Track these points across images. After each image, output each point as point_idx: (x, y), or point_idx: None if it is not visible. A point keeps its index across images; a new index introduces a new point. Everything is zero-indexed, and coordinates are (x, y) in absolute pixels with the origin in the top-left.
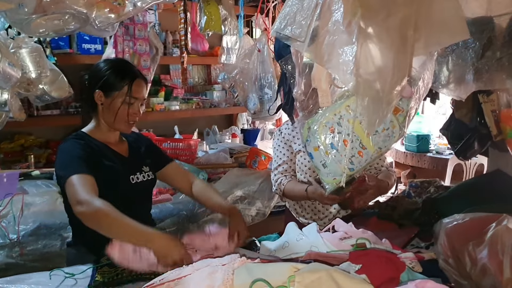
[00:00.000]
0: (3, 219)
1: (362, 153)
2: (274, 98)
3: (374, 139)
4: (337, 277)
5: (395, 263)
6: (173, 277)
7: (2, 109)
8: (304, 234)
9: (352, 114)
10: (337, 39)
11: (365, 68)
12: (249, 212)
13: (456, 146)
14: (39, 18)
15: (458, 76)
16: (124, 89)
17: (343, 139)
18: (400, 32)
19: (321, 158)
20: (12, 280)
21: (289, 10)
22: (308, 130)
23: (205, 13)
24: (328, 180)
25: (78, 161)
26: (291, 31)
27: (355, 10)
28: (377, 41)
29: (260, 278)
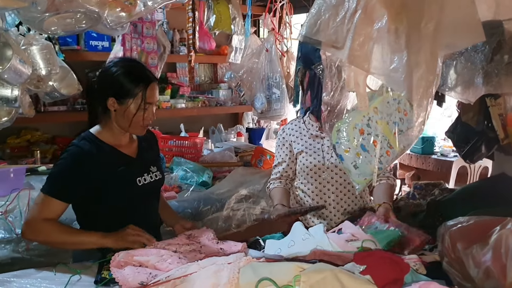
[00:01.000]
0: (10, 214)
1: (390, 152)
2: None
3: (399, 138)
4: (342, 277)
5: (399, 265)
6: (179, 275)
7: (12, 105)
8: (310, 234)
9: (380, 115)
10: (382, 46)
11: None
12: (253, 211)
13: (461, 149)
14: (51, 16)
15: (467, 79)
16: (139, 96)
17: (373, 140)
18: (433, 37)
19: (352, 160)
20: (19, 275)
21: (319, 16)
22: (337, 132)
23: (215, 12)
24: (359, 180)
25: (61, 183)
26: (326, 36)
27: (400, 17)
28: (418, 47)
29: (266, 277)
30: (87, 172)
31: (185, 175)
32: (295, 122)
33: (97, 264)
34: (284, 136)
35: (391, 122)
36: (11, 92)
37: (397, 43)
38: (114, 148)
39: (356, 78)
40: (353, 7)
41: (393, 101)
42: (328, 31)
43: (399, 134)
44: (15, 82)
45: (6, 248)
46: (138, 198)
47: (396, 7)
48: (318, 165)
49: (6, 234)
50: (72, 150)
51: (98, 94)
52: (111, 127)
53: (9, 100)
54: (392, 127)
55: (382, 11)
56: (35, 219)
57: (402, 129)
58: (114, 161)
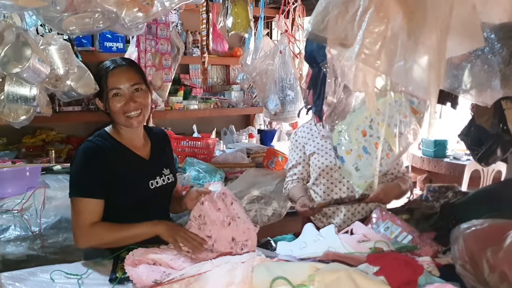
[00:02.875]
0: (26, 211)
1: (390, 155)
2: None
3: (399, 140)
4: (356, 278)
5: (413, 266)
6: (193, 273)
7: (31, 104)
8: (322, 235)
9: (381, 117)
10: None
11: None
12: (265, 212)
13: (475, 151)
14: (70, 16)
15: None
16: (104, 87)
17: (374, 142)
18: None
19: (353, 162)
20: (34, 272)
21: (327, 12)
22: (339, 134)
23: (232, 13)
24: (359, 183)
25: (86, 181)
26: (334, 33)
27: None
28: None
29: (280, 276)
30: (102, 165)
31: (198, 175)
32: (306, 125)
33: (109, 261)
34: (296, 139)
35: (392, 124)
36: (29, 91)
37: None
38: (128, 148)
39: (365, 78)
40: (365, 4)
41: (394, 103)
42: (336, 28)
43: (400, 136)
44: (33, 81)
45: (22, 245)
46: (149, 200)
47: (411, 6)
48: (330, 165)
49: (22, 232)
50: (86, 145)
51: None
52: (115, 126)
53: (27, 99)
54: (393, 129)
55: (397, 9)
56: (81, 226)
57: (401, 131)
58: (127, 161)
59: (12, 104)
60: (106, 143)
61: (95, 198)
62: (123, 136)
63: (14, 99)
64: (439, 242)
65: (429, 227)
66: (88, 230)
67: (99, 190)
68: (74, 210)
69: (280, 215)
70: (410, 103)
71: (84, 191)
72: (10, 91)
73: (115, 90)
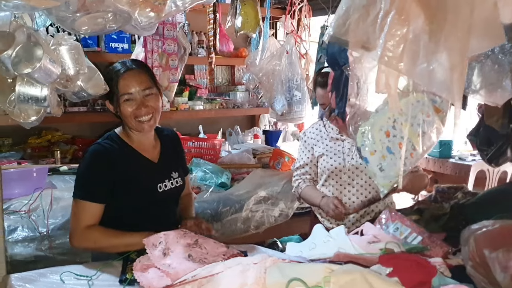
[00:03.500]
0: (33, 212)
1: (413, 154)
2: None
3: (422, 140)
4: (371, 279)
5: (427, 267)
6: (205, 274)
7: (41, 105)
8: (332, 236)
9: (404, 117)
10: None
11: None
12: (272, 213)
13: (485, 152)
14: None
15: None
16: (115, 91)
17: (398, 142)
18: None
19: (377, 162)
20: (44, 273)
21: (348, 16)
22: (362, 135)
23: (241, 13)
24: (384, 183)
25: (88, 184)
26: (356, 36)
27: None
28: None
29: (295, 277)
30: (108, 169)
31: (204, 176)
32: (315, 126)
33: (119, 262)
34: (305, 140)
35: (416, 124)
36: (40, 91)
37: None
38: (136, 151)
39: (387, 80)
40: (386, 7)
41: (417, 102)
42: (358, 31)
43: (422, 136)
44: (45, 82)
45: (30, 246)
46: (157, 203)
47: (433, 8)
48: (339, 167)
49: (30, 233)
50: (94, 148)
51: None
52: (125, 128)
53: (38, 99)
54: (416, 129)
55: (418, 12)
56: (76, 227)
57: (425, 131)
58: (135, 164)
59: (23, 104)
60: (114, 146)
61: (94, 202)
62: (133, 139)
63: (25, 99)
64: (449, 243)
65: (439, 228)
66: (82, 232)
67: (100, 194)
68: (72, 211)
69: (287, 215)
70: (432, 102)
71: (85, 194)
72: (21, 92)
73: (126, 96)
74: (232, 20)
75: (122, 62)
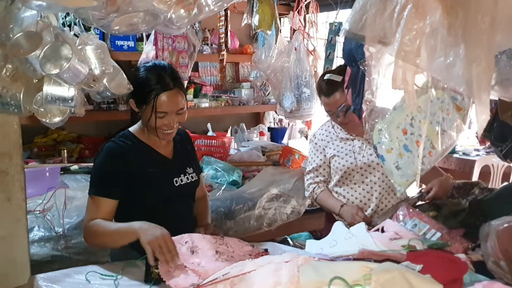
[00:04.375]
0: (48, 212)
1: (432, 153)
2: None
3: (442, 138)
4: (410, 277)
5: (458, 264)
6: (236, 273)
7: (68, 105)
8: (353, 233)
9: (423, 114)
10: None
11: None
12: (284, 210)
13: (499, 148)
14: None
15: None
16: (151, 103)
17: (416, 140)
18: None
19: (394, 160)
20: (68, 273)
21: (365, 11)
22: (379, 132)
23: (258, 11)
24: (401, 181)
25: (101, 180)
26: (372, 31)
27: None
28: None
29: (337, 276)
30: (123, 167)
31: (216, 174)
32: (324, 127)
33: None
34: (316, 142)
35: (435, 122)
36: (67, 91)
37: (453, 37)
38: (151, 147)
39: (404, 75)
40: (403, 1)
41: (436, 100)
42: (374, 26)
43: (442, 134)
44: (72, 82)
45: (46, 246)
46: (174, 198)
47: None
48: (351, 166)
49: (46, 233)
50: (109, 145)
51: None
52: (143, 127)
53: (65, 99)
54: (435, 126)
55: (436, 5)
56: (88, 223)
57: (444, 129)
58: (150, 160)
59: (50, 105)
60: (129, 143)
61: (107, 198)
62: (148, 136)
63: (52, 100)
64: (467, 239)
65: (458, 224)
66: (93, 227)
67: (114, 190)
68: (86, 207)
69: (299, 212)
70: (453, 100)
71: (99, 190)
72: (49, 92)
73: (161, 114)
74: (248, 18)
75: (161, 75)
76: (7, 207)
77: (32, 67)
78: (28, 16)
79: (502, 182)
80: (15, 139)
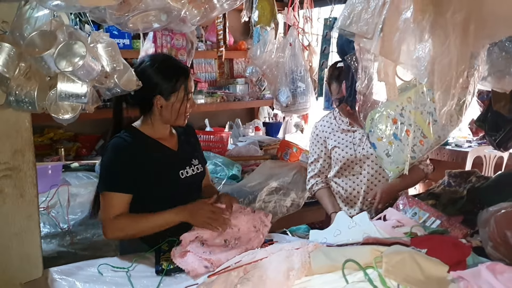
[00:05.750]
0: (52, 209)
1: (423, 142)
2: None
3: (434, 128)
4: (418, 258)
5: (461, 247)
6: (249, 260)
7: (81, 101)
8: (356, 222)
9: (413, 105)
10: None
11: (438, 63)
12: (284, 203)
13: (493, 137)
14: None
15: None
16: (182, 88)
17: (405, 129)
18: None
19: (384, 148)
20: (81, 266)
21: (353, 8)
22: (371, 121)
23: (258, 7)
24: (392, 168)
25: (115, 175)
26: (358, 28)
27: (426, 8)
28: (444, 37)
29: (349, 259)
30: (131, 161)
31: (215, 169)
32: (326, 119)
33: (152, 254)
34: (317, 133)
35: (425, 112)
36: (81, 88)
37: (422, 33)
38: (156, 141)
39: (386, 69)
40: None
41: (427, 91)
42: (360, 22)
43: (434, 124)
44: (86, 79)
45: (52, 242)
46: (181, 190)
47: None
48: (351, 158)
49: (51, 229)
50: (115, 141)
51: (142, 93)
52: (153, 122)
53: (79, 96)
54: (426, 117)
55: (409, 3)
56: (106, 219)
57: (436, 119)
58: (156, 153)
59: (64, 101)
60: (135, 138)
61: (121, 192)
62: (155, 130)
63: (66, 96)
64: (466, 225)
65: (456, 211)
66: (112, 223)
67: (126, 185)
68: (102, 204)
69: (299, 205)
70: None
71: (111, 185)
72: (63, 89)
73: (190, 94)
74: (247, 14)
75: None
76: (20, 203)
77: (47, 65)
78: (41, 16)
79: (495, 172)
80: (27, 136)
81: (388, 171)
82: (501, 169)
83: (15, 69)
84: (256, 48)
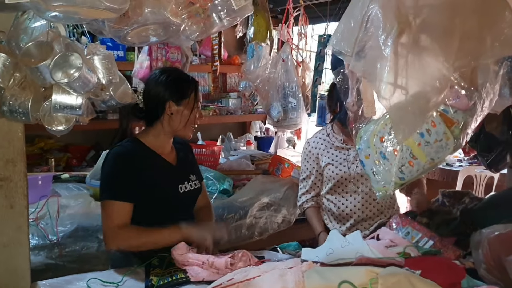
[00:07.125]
0: (41, 220)
1: (413, 163)
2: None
3: (426, 149)
4: (413, 280)
5: (455, 269)
6: (241, 278)
7: (76, 113)
8: (349, 241)
9: None
10: (376, 54)
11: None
12: (275, 219)
13: (485, 158)
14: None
15: None
16: (192, 96)
17: (393, 149)
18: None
19: (371, 166)
20: (70, 280)
21: (343, 27)
22: (360, 138)
23: (254, 24)
24: (379, 187)
25: (115, 184)
26: (343, 46)
27: (392, 25)
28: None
29: (344, 280)
30: (132, 169)
31: (206, 182)
32: (319, 135)
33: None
34: (310, 150)
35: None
36: (75, 99)
37: (385, 51)
38: (157, 154)
39: (365, 85)
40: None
41: None
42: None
43: (426, 146)
44: (82, 91)
45: (40, 254)
46: (178, 204)
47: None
48: (344, 175)
49: (40, 241)
50: (116, 150)
51: (154, 100)
52: (158, 133)
53: (73, 108)
54: (416, 137)
55: (378, 22)
56: (109, 228)
57: (428, 140)
58: (157, 165)
59: (58, 112)
60: (136, 148)
61: (123, 201)
62: (158, 143)
63: (61, 108)
64: (459, 247)
65: (449, 232)
66: (116, 233)
67: (128, 194)
68: (103, 213)
69: (290, 222)
70: (443, 112)
71: (113, 194)
72: (58, 101)
73: (200, 104)
74: (242, 30)
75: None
76: (10, 214)
77: (42, 76)
78: (38, 26)
79: (485, 192)
80: (19, 146)
81: (376, 190)
82: (491, 189)
83: (10, 79)
84: (250, 63)
